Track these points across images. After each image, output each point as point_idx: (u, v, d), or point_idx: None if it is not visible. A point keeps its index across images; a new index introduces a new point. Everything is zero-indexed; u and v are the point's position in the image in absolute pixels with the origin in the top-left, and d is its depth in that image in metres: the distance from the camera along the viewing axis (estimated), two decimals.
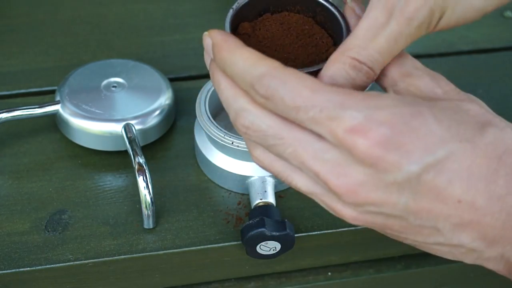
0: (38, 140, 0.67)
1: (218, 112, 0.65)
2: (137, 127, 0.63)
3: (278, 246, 0.57)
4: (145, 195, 0.58)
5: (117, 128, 0.63)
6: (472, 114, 0.44)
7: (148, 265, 0.59)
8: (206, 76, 0.67)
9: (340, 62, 0.45)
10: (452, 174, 0.42)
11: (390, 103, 0.42)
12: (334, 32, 0.49)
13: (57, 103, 0.65)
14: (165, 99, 0.66)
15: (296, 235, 0.59)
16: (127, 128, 0.63)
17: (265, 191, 0.60)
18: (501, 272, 0.46)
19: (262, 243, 0.57)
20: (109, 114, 0.64)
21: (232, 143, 0.59)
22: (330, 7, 0.48)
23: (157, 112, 0.65)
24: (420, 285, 0.69)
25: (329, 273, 0.65)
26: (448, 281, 0.69)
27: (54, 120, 0.67)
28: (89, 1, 0.82)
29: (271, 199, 0.60)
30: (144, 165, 0.59)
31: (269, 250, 0.58)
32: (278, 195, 0.62)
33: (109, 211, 0.61)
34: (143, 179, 0.58)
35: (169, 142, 0.67)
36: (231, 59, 0.43)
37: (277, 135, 0.43)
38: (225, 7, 0.83)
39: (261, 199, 0.59)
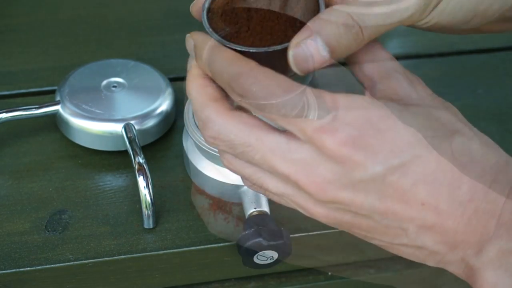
0: (38, 140, 0.67)
1: None
2: (137, 127, 0.63)
3: (275, 255, 0.57)
4: (145, 195, 0.58)
5: (117, 128, 0.63)
6: (442, 121, 0.45)
7: (148, 265, 0.59)
8: None
9: (335, 15, 0.45)
10: (416, 177, 0.44)
11: (360, 105, 0.44)
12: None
13: (57, 103, 0.65)
14: (165, 99, 0.66)
15: (295, 235, 0.59)
16: (127, 128, 0.63)
17: (259, 200, 0.58)
18: (461, 275, 0.47)
19: (259, 253, 0.56)
20: (109, 114, 0.64)
21: None
22: None
23: (157, 112, 0.65)
24: (420, 285, 0.69)
25: (329, 273, 0.65)
26: (447, 281, 0.69)
27: (54, 120, 0.67)
28: (89, 1, 0.82)
29: (265, 207, 0.58)
30: (144, 165, 0.59)
31: (266, 260, 0.57)
32: (272, 201, 0.62)
33: (109, 211, 0.61)
34: (143, 179, 0.58)
35: (169, 142, 0.67)
36: (211, 58, 0.45)
37: (245, 143, 0.45)
38: None
39: (255, 208, 0.58)
